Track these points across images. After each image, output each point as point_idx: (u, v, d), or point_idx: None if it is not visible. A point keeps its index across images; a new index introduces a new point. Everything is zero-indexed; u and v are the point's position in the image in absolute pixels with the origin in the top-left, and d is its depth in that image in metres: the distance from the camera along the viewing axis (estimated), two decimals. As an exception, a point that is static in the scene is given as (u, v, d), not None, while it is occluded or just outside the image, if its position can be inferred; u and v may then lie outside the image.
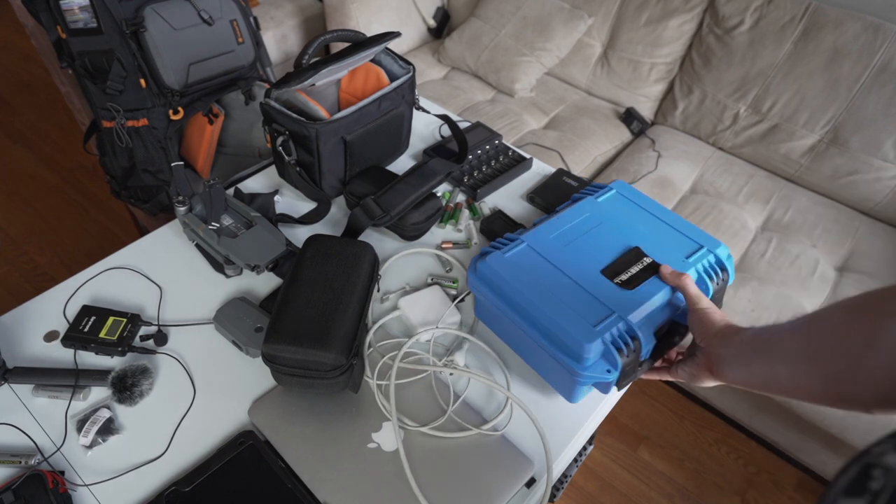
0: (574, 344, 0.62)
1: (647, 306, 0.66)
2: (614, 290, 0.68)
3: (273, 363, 0.66)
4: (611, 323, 0.63)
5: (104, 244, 2.03)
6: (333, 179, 0.95)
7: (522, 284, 0.67)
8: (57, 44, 1.13)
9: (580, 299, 0.66)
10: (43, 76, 2.77)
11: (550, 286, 0.67)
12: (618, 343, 0.63)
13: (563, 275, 0.69)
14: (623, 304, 0.66)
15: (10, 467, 0.64)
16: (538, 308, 0.65)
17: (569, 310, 0.65)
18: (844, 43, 1.59)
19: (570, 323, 0.63)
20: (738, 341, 0.58)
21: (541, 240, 0.73)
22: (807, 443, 1.48)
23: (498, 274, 0.69)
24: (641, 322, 0.65)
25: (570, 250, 0.72)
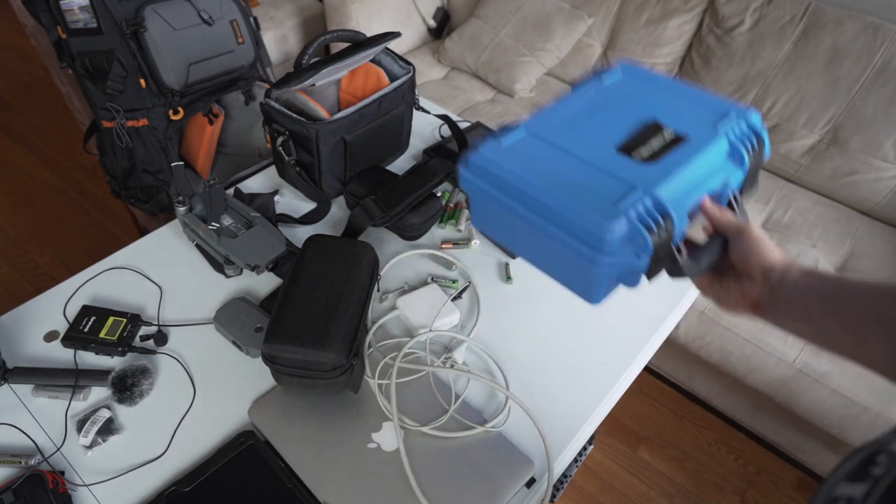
0: (592, 225, 0.52)
1: (676, 180, 0.55)
2: (634, 165, 0.56)
3: (273, 363, 0.66)
4: (634, 199, 0.53)
5: (104, 244, 2.03)
6: (333, 179, 0.95)
7: (525, 171, 0.57)
8: (57, 44, 1.13)
9: (595, 179, 0.55)
10: (43, 76, 2.77)
11: (558, 170, 0.56)
12: (645, 220, 0.52)
13: (572, 156, 0.58)
14: (647, 178, 0.55)
15: (10, 467, 0.64)
16: (545, 192, 0.55)
17: (583, 190, 0.54)
18: (844, 43, 1.59)
19: (586, 203, 0.53)
20: (801, 285, 0.51)
21: (541, 125, 0.62)
22: (807, 443, 1.48)
23: (495, 163, 0.58)
24: (672, 198, 0.54)
25: (576, 132, 0.61)
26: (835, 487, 0.30)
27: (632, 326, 0.82)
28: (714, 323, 1.43)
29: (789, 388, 1.37)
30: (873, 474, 0.28)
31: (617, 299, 0.85)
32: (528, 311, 0.83)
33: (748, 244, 0.55)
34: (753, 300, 0.55)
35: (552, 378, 0.76)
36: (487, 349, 0.78)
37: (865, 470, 0.29)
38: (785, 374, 1.36)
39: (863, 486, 0.28)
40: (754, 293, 0.55)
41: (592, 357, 0.78)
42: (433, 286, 0.83)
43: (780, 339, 1.37)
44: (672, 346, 1.54)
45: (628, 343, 0.80)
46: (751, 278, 0.55)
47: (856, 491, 0.28)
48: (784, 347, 1.36)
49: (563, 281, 0.62)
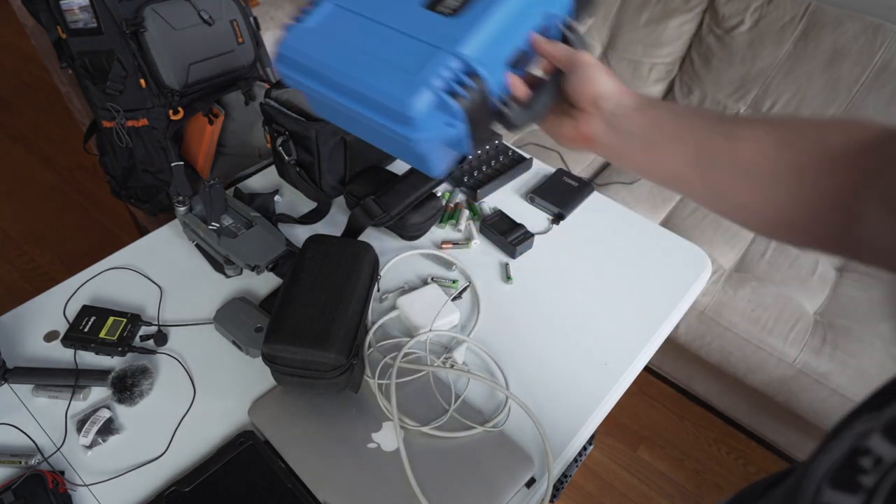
0: (396, 104, 0.49)
1: (483, 30, 0.51)
2: (440, 21, 0.52)
3: (273, 363, 0.66)
4: (436, 63, 0.49)
5: (104, 244, 2.03)
6: (333, 179, 0.95)
7: (330, 55, 0.53)
8: (57, 44, 1.13)
9: (399, 48, 0.51)
10: (43, 76, 2.77)
11: (363, 45, 0.53)
12: (451, 86, 0.49)
13: (378, 24, 0.53)
14: (450, 35, 0.50)
15: (10, 467, 0.64)
16: (353, 76, 0.51)
17: (386, 64, 0.51)
18: (844, 43, 1.59)
19: (388, 80, 0.50)
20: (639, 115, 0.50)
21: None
22: (807, 443, 1.48)
23: (300, 52, 0.55)
24: (482, 52, 0.50)
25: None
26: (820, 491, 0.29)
27: (632, 326, 0.82)
28: (714, 323, 1.43)
29: (789, 388, 1.37)
30: (864, 484, 0.26)
31: (617, 299, 0.85)
32: (528, 311, 0.83)
33: (579, 73, 0.52)
34: (587, 134, 0.53)
35: (552, 378, 0.76)
36: (487, 349, 0.78)
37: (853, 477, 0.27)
38: (785, 374, 1.36)
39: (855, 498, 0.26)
40: (587, 127, 0.52)
41: (592, 357, 0.78)
42: (433, 286, 0.83)
43: (780, 338, 1.37)
44: (672, 346, 1.54)
45: (628, 343, 0.80)
46: (583, 111, 0.52)
47: None
48: (784, 347, 1.36)
49: (402, 158, 0.60)
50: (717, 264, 1.51)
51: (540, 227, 0.96)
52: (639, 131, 0.50)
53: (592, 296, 0.86)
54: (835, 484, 0.28)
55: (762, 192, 0.44)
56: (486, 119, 0.52)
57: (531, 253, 0.92)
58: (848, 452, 0.28)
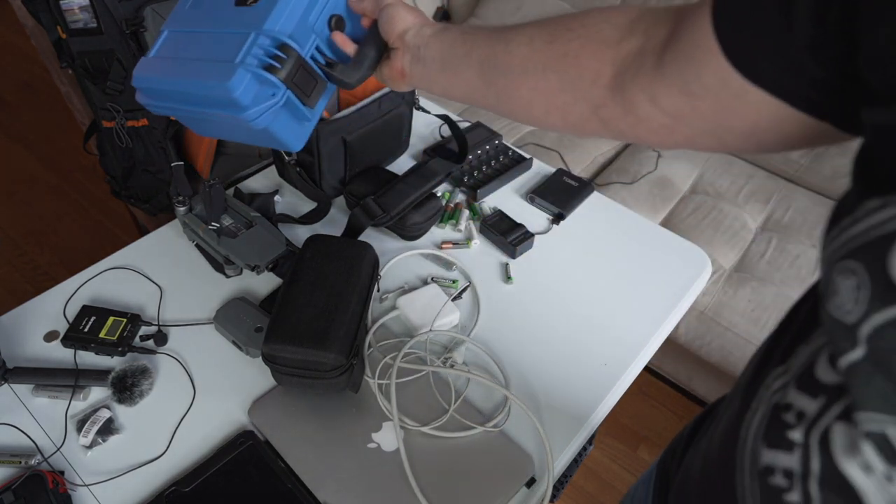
0: (220, 91, 0.54)
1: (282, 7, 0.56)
2: (247, 12, 0.58)
3: (273, 363, 0.66)
4: (249, 46, 0.55)
5: (104, 244, 2.03)
6: (333, 179, 0.95)
7: (171, 72, 0.60)
8: (57, 44, 1.13)
9: (219, 45, 0.57)
10: (43, 76, 2.77)
11: (193, 55, 0.59)
12: (264, 60, 0.54)
13: (203, 33, 0.60)
14: (256, 19, 0.56)
15: (10, 467, 0.64)
16: (187, 84, 0.58)
17: (208, 64, 0.57)
18: (844, 43, 1.59)
19: (210, 74, 0.55)
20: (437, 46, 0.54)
21: (178, 18, 0.64)
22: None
23: (147, 79, 0.61)
24: (288, 25, 0.56)
25: (205, 7, 0.62)
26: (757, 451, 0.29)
27: (632, 326, 0.82)
28: (714, 323, 1.43)
29: (789, 388, 1.37)
30: (795, 440, 0.26)
31: (617, 299, 0.85)
32: (528, 311, 0.83)
33: (384, 15, 0.57)
34: (399, 69, 0.57)
35: (552, 378, 0.76)
36: (487, 349, 0.78)
37: (782, 434, 0.27)
38: (785, 374, 1.36)
39: (793, 456, 0.26)
40: (398, 62, 0.57)
41: (592, 357, 0.78)
42: (433, 286, 0.83)
43: (780, 339, 1.37)
44: (672, 346, 1.54)
45: (628, 343, 0.80)
46: (394, 49, 0.57)
47: (790, 462, 0.27)
48: (784, 347, 1.36)
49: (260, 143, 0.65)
50: (717, 264, 1.51)
51: (540, 227, 0.96)
52: (437, 55, 0.54)
53: (592, 296, 0.86)
54: (769, 443, 0.28)
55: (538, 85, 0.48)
56: (308, 83, 0.57)
57: (531, 253, 0.92)
58: (771, 410, 0.29)
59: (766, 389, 0.30)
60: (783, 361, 0.30)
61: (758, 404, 0.30)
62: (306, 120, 0.60)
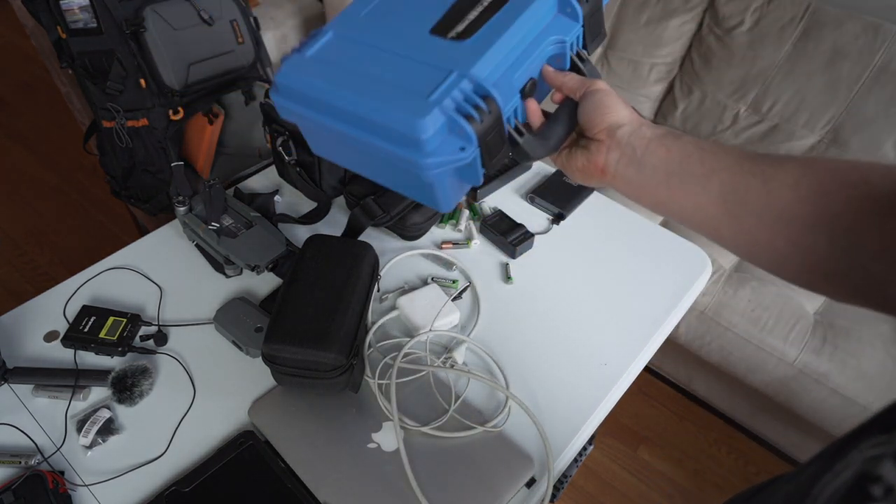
0: (404, 127, 0.46)
1: (496, 52, 0.49)
2: (449, 46, 0.50)
3: (273, 363, 0.66)
4: (449, 86, 0.47)
5: (104, 244, 2.03)
6: (333, 179, 0.95)
7: (332, 81, 0.51)
8: (57, 44, 1.13)
9: (406, 72, 0.49)
10: (43, 76, 2.77)
11: (368, 71, 0.50)
12: (464, 108, 0.47)
13: (383, 51, 0.51)
14: (461, 58, 0.49)
15: (10, 467, 0.64)
16: (356, 101, 0.49)
17: (393, 88, 0.48)
18: (844, 43, 1.59)
19: (395, 103, 0.47)
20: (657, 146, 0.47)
21: (349, 22, 0.55)
22: (807, 443, 1.48)
23: (300, 80, 0.52)
24: (494, 75, 0.49)
25: (388, 22, 0.54)
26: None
27: (632, 326, 0.82)
28: (714, 323, 1.43)
29: (789, 388, 1.37)
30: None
31: (617, 299, 0.85)
32: (528, 311, 0.83)
33: (593, 101, 0.50)
34: (600, 165, 0.50)
35: (552, 378, 0.76)
36: (487, 349, 0.78)
37: None
38: (785, 374, 1.36)
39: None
40: (600, 157, 0.50)
41: (592, 357, 0.78)
42: (433, 286, 0.83)
43: (780, 339, 1.37)
44: (672, 346, 1.54)
45: (628, 343, 0.80)
46: (597, 141, 0.50)
47: None
48: (784, 347, 1.36)
49: (409, 193, 0.58)
50: (717, 264, 1.51)
51: (540, 227, 0.96)
52: (660, 164, 0.47)
53: (592, 296, 0.86)
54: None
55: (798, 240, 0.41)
56: (497, 147, 0.50)
57: (531, 253, 0.92)
58: (856, 477, 0.27)
59: (858, 453, 0.28)
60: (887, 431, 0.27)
61: (843, 468, 0.28)
62: (469, 183, 0.53)
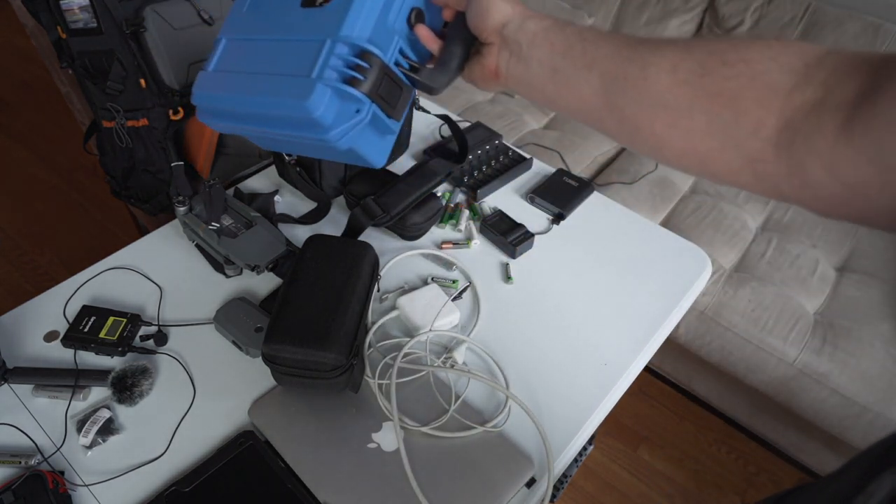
0: (296, 111, 0.47)
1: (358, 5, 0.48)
2: (316, 14, 0.50)
3: (273, 363, 0.66)
4: (325, 57, 0.47)
5: (104, 244, 2.03)
6: (333, 179, 0.95)
7: (234, 89, 0.52)
8: (57, 44, 1.13)
9: (289, 56, 0.49)
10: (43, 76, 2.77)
11: (260, 68, 0.51)
12: (345, 73, 0.47)
13: (266, 41, 0.52)
14: (329, 24, 0.48)
15: (10, 467, 0.64)
16: (253, 102, 0.50)
17: (279, 78, 0.49)
18: (844, 43, 1.59)
19: (283, 92, 0.48)
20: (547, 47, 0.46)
21: (235, 23, 0.57)
22: (807, 443, 1.48)
23: (211, 96, 0.54)
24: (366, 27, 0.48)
25: (266, 10, 0.55)
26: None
27: (632, 326, 0.82)
28: (714, 323, 1.43)
29: (789, 388, 1.37)
30: None
31: (617, 299, 0.85)
32: (528, 311, 0.83)
33: (475, 4, 0.48)
34: (494, 68, 0.49)
35: (552, 378, 0.76)
36: (487, 349, 0.78)
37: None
38: (785, 374, 1.36)
39: None
40: (492, 59, 0.49)
41: (592, 357, 0.78)
42: (433, 286, 0.83)
43: (780, 339, 1.37)
44: (672, 346, 1.54)
45: (628, 343, 0.80)
46: (488, 45, 0.49)
47: None
48: (784, 347, 1.36)
49: (343, 160, 0.58)
50: (717, 264, 1.51)
51: (540, 227, 0.96)
52: (546, 59, 0.46)
53: (592, 296, 0.86)
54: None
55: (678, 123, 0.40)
56: (395, 94, 0.50)
57: (531, 253, 0.92)
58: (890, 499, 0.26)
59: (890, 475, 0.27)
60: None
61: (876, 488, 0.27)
62: (390, 133, 0.53)
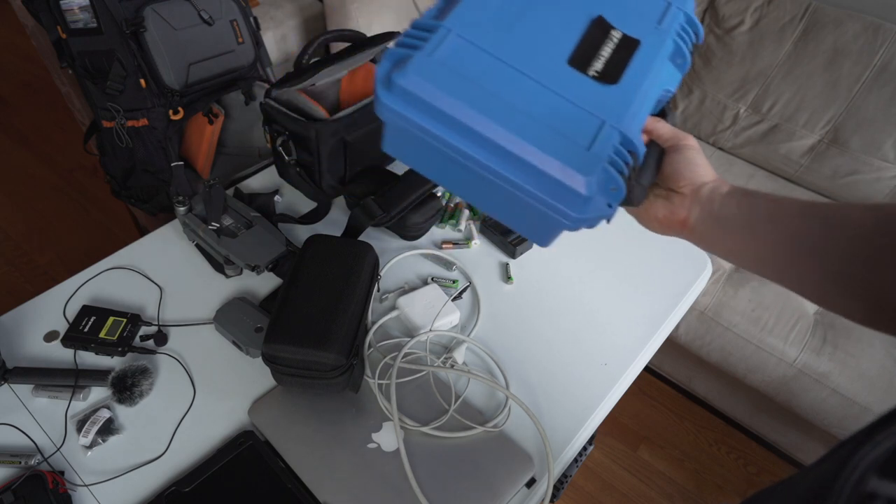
0: (569, 179, 0.43)
1: (638, 104, 0.47)
2: (593, 87, 0.46)
3: (273, 363, 0.66)
4: (606, 138, 0.44)
5: (104, 244, 2.03)
6: (333, 179, 0.95)
7: (478, 105, 0.44)
8: (57, 44, 1.13)
9: (557, 111, 0.45)
10: (43, 76, 2.77)
11: (509, 96, 0.44)
12: (617, 164, 0.44)
13: (522, 75, 0.46)
14: (610, 106, 0.45)
15: (10, 467, 0.64)
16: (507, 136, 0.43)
17: (546, 130, 0.44)
18: (844, 43, 1.59)
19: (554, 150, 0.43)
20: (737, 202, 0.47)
21: (472, 23, 0.48)
22: (807, 443, 1.48)
23: (428, 89, 0.44)
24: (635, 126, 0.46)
25: (515, 34, 0.48)
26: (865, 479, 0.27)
27: (632, 326, 0.82)
28: (714, 323, 1.43)
29: (789, 388, 1.37)
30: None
31: (617, 299, 0.85)
32: (528, 311, 0.83)
33: (685, 157, 0.50)
34: (682, 218, 0.50)
35: (552, 378, 0.76)
36: (487, 349, 0.78)
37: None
38: (785, 374, 1.36)
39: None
40: (683, 210, 0.50)
41: (592, 357, 0.78)
42: (433, 286, 0.83)
43: (780, 338, 1.37)
44: (672, 346, 1.54)
45: (628, 343, 0.80)
46: (680, 195, 0.50)
47: None
48: (784, 347, 1.36)
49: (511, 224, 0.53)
50: (717, 264, 1.51)
51: (540, 227, 0.96)
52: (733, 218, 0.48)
53: (593, 296, 0.86)
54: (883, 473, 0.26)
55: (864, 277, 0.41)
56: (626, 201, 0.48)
57: (531, 253, 0.92)
58: None
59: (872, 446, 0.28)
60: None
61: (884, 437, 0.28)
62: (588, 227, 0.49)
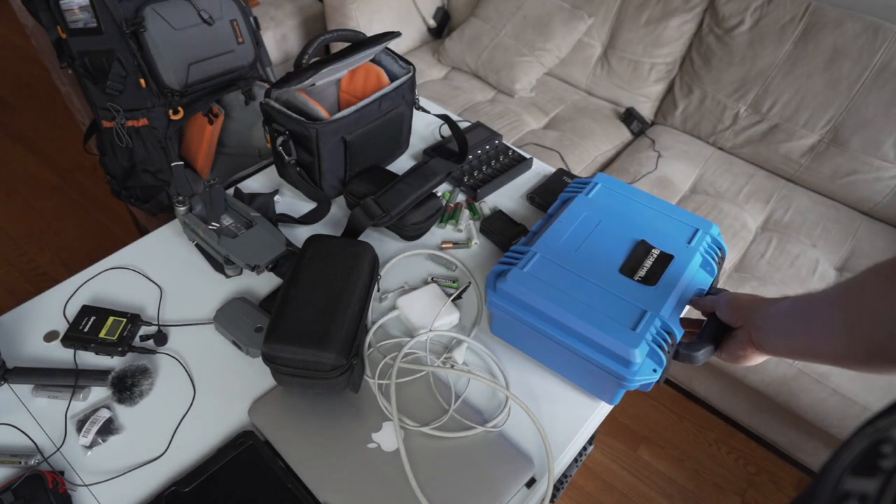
0: (621, 350, 0.63)
1: (672, 299, 0.68)
2: (638, 287, 0.68)
3: (273, 363, 0.66)
4: (648, 322, 0.64)
5: (104, 244, 2.03)
6: (333, 179, 0.95)
7: (551, 297, 0.67)
8: (57, 44, 1.13)
9: (612, 303, 0.66)
10: (43, 76, 2.77)
11: (578, 294, 0.67)
12: (658, 341, 0.64)
13: (586, 280, 0.69)
14: (651, 300, 0.67)
15: (9, 467, 0.64)
16: (575, 319, 0.65)
17: (604, 316, 0.65)
18: (844, 43, 1.59)
19: (612, 329, 0.64)
20: (775, 313, 0.59)
21: (552, 247, 0.73)
22: (807, 443, 1.48)
23: (521, 290, 0.68)
24: (671, 315, 0.67)
25: (582, 254, 0.72)
26: (841, 481, 0.29)
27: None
28: (714, 323, 1.43)
29: (789, 388, 1.37)
30: (883, 467, 0.27)
31: (617, 299, 0.85)
32: (528, 311, 0.83)
33: (728, 306, 0.66)
34: (755, 344, 0.63)
35: (552, 378, 0.76)
36: (487, 349, 0.78)
37: (873, 462, 0.28)
38: (785, 374, 1.36)
39: (875, 481, 0.27)
40: (746, 339, 0.63)
41: (592, 357, 0.78)
42: (433, 286, 0.83)
43: (780, 339, 1.37)
44: (672, 346, 1.54)
45: (628, 343, 0.80)
46: (743, 328, 0.64)
47: (868, 487, 0.27)
48: (784, 347, 1.36)
49: (585, 386, 0.73)
50: (717, 264, 1.51)
51: (540, 227, 0.96)
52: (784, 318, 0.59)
53: (592, 296, 0.86)
54: (855, 471, 0.29)
55: None
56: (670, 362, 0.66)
57: (531, 253, 0.92)
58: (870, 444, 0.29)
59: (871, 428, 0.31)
60: None
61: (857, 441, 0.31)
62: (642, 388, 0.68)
